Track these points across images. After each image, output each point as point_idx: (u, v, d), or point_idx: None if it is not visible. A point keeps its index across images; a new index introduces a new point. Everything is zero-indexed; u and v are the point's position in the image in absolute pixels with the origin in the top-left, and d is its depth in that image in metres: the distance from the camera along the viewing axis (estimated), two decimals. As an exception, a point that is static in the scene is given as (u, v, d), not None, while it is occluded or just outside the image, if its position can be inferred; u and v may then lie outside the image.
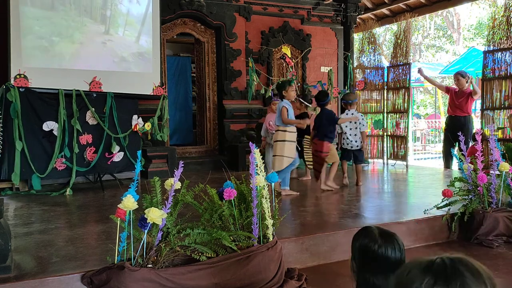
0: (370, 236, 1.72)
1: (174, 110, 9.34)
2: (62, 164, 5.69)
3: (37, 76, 5.69)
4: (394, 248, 1.67)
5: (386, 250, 1.66)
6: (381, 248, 1.67)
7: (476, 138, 4.55)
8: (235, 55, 8.21)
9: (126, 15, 6.52)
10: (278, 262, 2.88)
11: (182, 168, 2.71)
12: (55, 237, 3.53)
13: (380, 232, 1.73)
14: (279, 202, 3.16)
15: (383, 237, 1.70)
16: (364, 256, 1.71)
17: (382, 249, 1.67)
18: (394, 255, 1.66)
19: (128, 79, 6.47)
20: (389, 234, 1.73)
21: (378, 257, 1.66)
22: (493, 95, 6.48)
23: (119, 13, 6.46)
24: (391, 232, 1.74)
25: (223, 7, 8.09)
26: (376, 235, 1.71)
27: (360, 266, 1.72)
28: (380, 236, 1.71)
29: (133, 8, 6.60)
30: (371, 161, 8.53)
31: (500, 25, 6.41)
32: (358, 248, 1.74)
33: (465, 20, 21.63)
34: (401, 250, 1.68)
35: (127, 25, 6.53)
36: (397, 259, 1.66)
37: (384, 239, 1.69)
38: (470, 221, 3.93)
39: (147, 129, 6.39)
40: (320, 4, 9.31)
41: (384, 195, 5.49)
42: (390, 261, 1.66)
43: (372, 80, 8.37)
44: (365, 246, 1.71)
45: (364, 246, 1.72)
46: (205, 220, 2.89)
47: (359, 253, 1.73)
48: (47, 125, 5.61)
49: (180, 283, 2.57)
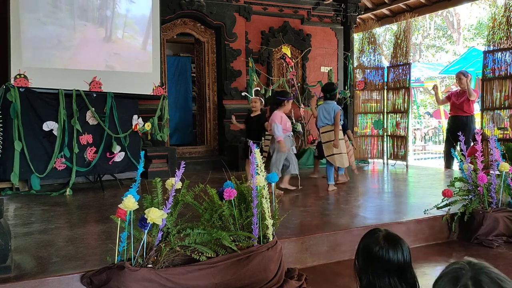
0: (374, 238, 1.73)
1: (174, 110, 9.34)
2: (62, 164, 5.69)
3: (37, 76, 5.69)
4: (396, 251, 1.67)
5: (387, 253, 1.66)
6: (383, 250, 1.67)
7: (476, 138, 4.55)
8: (235, 55, 8.21)
9: (126, 15, 6.52)
10: (278, 262, 2.88)
11: (183, 168, 2.71)
12: (55, 237, 3.53)
13: (385, 235, 1.73)
14: (279, 202, 3.16)
15: (387, 240, 1.70)
16: (366, 257, 1.71)
17: (383, 252, 1.67)
18: (397, 259, 1.66)
19: (128, 79, 6.47)
20: (394, 237, 1.73)
21: (379, 259, 1.67)
22: (493, 95, 6.48)
23: (119, 13, 6.46)
24: (397, 236, 1.74)
25: (223, 7, 8.09)
26: (380, 237, 1.72)
27: (362, 267, 1.72)
28: (384, 238, 1.71)
29: (133, 8, 6.60)
30: (371, 161, 8.54)
31: (500, 25, 6.40)
32: (362, 249, 1.75)
33: (465, 20, 21.64)
34: (405, 254, 1.68)
35: (127, 25, 6.53)
36: (400, 263, 1.66)
37: (387, 242, 1.69)
38: (470, 221, 3.93)
39: (147, 129, 6.39)
40: (320, 4, 9.31)
41: (384, 195, 5.49)
42: (392, 264, 1.66)
43: (372, 80, 8.37)
44: (367, 247, 1.72)
45: (367, 247, 1.72)
46: (205, 220, 2.89)
47: (362, 254, 1.74)
48: (47, 125, 5.60)
49: (180, 283, 2.57)
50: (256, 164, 2.88)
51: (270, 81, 8.66)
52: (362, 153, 8.35)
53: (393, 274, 1.65)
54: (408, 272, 1.68)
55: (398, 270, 1.66)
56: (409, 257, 1.69)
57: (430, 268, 3.37)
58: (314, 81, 8.65)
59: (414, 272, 1.70)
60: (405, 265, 1.67)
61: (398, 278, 1.65)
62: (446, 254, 3.65)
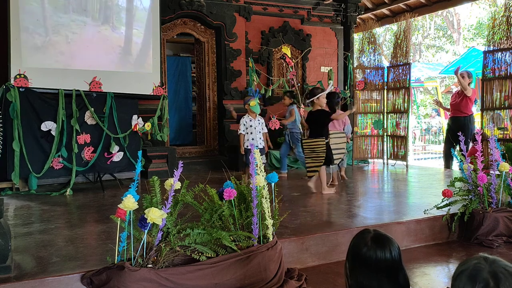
0: (361, 238, 1.73)
1: (174, 110, 9.34)
2: (59, 163, 5.69)
3: (37, 76, 5.69)
4: (384, 251, 1.66)
5: (375, 253, 1.66)
6: (370, 251, 1.66)
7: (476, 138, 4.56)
8: (235, 55, 8.21)
9: (126, 16, 6.53)
10: (278, 262, 2.88)
11: (181, 168, 2.71)
12: (55, 237, 3.53)
13: (373, 235, 1.72)
14: (279, 202, 3.16)
15: (375, 241, 1.69)
16: (354, 258, 1.71)
17: (370, 252, 1.66)
18: (385, 258, 1.65)
19: (128, 79, 6.47)
20: (382, 237, 1.71)
21: (367, 260, 1.66)
22: (493, 95, 6.48)
23: (119, 13, 6.46)
24: (387, 236, 1.73)
25: (223, 7, 8.09)
26: (367, 238, 1.71)
27: (351, 268, 1.72)
28: (372, 239, 1.70)
29: (133, 8, 6.60)
30: (371, 161, 8.54)
31: (500, 25, 6.40)
32: (351, 249, 1.75)
33: (465, 20, 21.64)
34: (393, 253, 1.66)
35: (127, 26, 6.53)
36: (388, 263, 1.65)
37: (375, 243, 1.68)
38: (470, 221, 3.93)
39: (147, 129, 6.39)
40: (320, 4, 9.31)
41: (384, 195, 5.49)
42: (381, 264, 1.65)
43: (372, 80, 8.36)
44: (356, 248, 1.71)
45: (355, 248, 1.72)
46: (205, 220, 2.89)
47: (351, 254, 1.74)
48: (45, 125, 5.61)
49: (180, 283, 2.57)
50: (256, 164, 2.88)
51: (270, 81, 8.66)
52: (362, 153, 8.34)
53: (381, 275, 1.64)
54: (398, 272, 1.66)
55: (387, 270, 1.65)
56: (398, 257, 1.67)
57: (430, 268, 3.37)
58: (314, 81, 8.65)
59: (406, 273, 1.68)
60: (394, 264, 1.65)
61: (388, 278, 1.64)
62: (446, 254, 3.65)
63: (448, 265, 3.47)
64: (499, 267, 1.15)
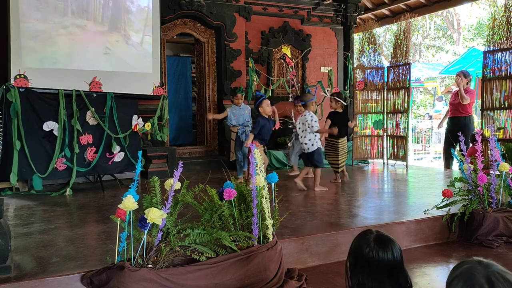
0: (364, 239, 1.73)
1: (174, 110, 9.34)
2: (62, 164, 5.69)
3: (37, 76, 5.69)
4: (386, 252, 1.66)
5: (377, 254, 1.66)
6: (372, 251, 1.67)
7: (476, 138, 4.55)
8: (235, 55, 8.21)
9: (126, 16, 6.52)
10: (278, 262, 2.88)
11: (181, 168, 2.71)
12: (55, 237, 3.53)
13: (376, 236, 1.72)
14: (279, 202, 3.16)
15: (377, 241, 1.69)
16: (356, 258, 1.71)
17: (373, 253, 1.66)
18: (387, 259, 1.65)
19: (128, 79, 6.47)
20: (385, 238, 1.72)
21: (369, 260, 1.66)
22: (493, 95, 6.48)
23: (119, 13, 6.46)
24: (389, 237, 1.73)
25: (223, 7, 8.09)
26: (370, 238, 1.71)
27: (353, 268, 1.72)
28: (374, 240, 1.70)
29: (133, 8, 6.60)
30: (371, 161, 8.54)
31: (500, 25, 6.40)
32: (353, 250, 1.75)
33: (465, 20, 21.64)
34: (395, 254, 1.67)
35: (127, 26, 6.53)
36: (390, 263, 1.65)
37: (377, 243, 1.68)
38: (470, 221, 3.93)
39: (147, 129, 6.39)
40: (320, 4, 9.31)
41: (384, 195, 5.49)
42: (382, 265, 1.65)
43: (372, 80, 8.36)
44: (358, 249, 1.71)
45: (357, 249, 1.72)
46: (205, 220, 2.89)
47: (353, 255, 1.74)
48: (47, 125, 5.60)
49: (180, 283, 2.57)
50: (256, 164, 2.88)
51: (270, 81, 8.65)
52: (362, 153, 8.34)
53: (383, 275, 1.65)
54: (400, 273, 1.67)
55: (389, 270, 1.65)
56: (400, 258, 1.67)
57: (430, 268, 3.37)
58: (314, 81, 8.65)
59: (407, 274, 1.69)
60: (396, 265, 1.66)
61: (389, 279, 1.65)
62: (446, 254, 3.65)
63: (448, 265, 3.47)
64: (493, 272, 1.16)
